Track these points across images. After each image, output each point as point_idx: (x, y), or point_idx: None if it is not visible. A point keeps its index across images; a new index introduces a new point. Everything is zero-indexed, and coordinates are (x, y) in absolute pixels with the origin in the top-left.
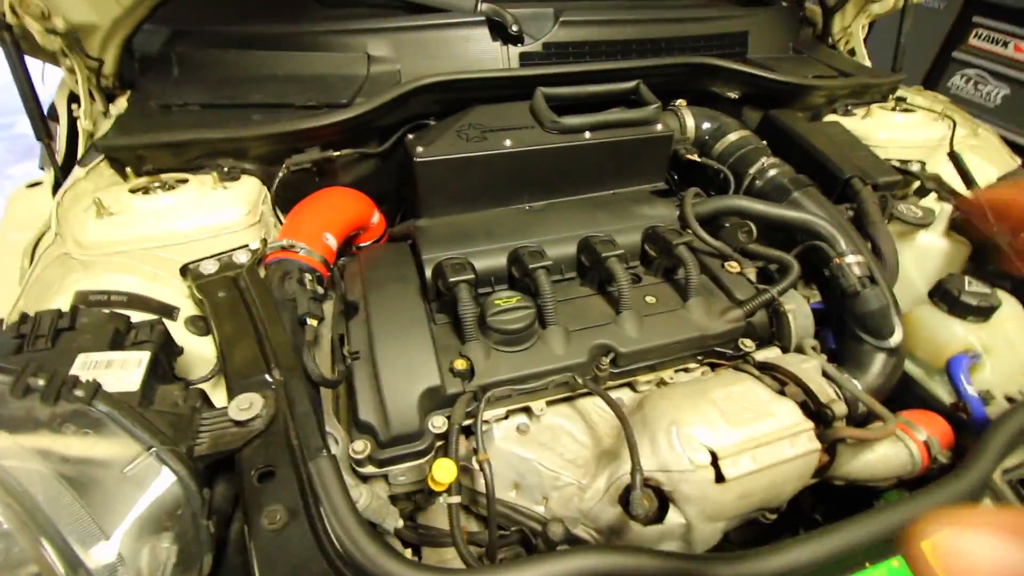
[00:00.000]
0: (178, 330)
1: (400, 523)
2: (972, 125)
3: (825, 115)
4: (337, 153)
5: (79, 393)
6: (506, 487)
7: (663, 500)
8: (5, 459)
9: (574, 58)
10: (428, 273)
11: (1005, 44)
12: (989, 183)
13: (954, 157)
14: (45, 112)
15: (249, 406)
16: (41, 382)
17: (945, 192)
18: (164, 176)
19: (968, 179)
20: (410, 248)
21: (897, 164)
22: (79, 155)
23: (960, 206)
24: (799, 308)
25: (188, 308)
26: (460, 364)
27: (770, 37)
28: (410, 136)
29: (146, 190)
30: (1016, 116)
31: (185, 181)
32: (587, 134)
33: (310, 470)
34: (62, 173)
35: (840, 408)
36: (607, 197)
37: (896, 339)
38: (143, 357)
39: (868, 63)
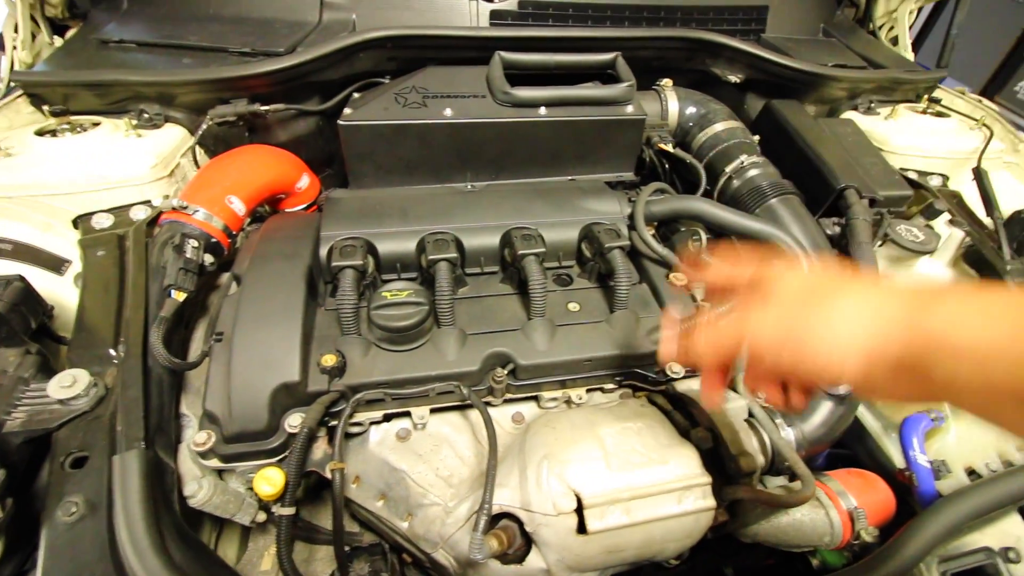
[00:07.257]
0: (66, 286)
1: (261, 517)
2: (1014, 139)
3: (844, 111)
4: (265, 108)
5: None
6: (373, 496)
7: (529, 538)
8: None
9: (553, 20)
10: (323, 252)
11: None
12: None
13: (978, 174)
14: None
15: (72, 383)
16: None
17: (961, 215)
18: (76, 119)
19: (989, 202)
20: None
21: (914, 176)
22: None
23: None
24: None
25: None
26: (328, 360)
27: (796, 15)
28: (356, 96)
29: (54, 132)
30: None
31: (98, 125)
32: (542, 110)
33: (112, 464)
34: None
35: (750, 463)
36: (557, 184)
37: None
38: None
39: (910, 55)
